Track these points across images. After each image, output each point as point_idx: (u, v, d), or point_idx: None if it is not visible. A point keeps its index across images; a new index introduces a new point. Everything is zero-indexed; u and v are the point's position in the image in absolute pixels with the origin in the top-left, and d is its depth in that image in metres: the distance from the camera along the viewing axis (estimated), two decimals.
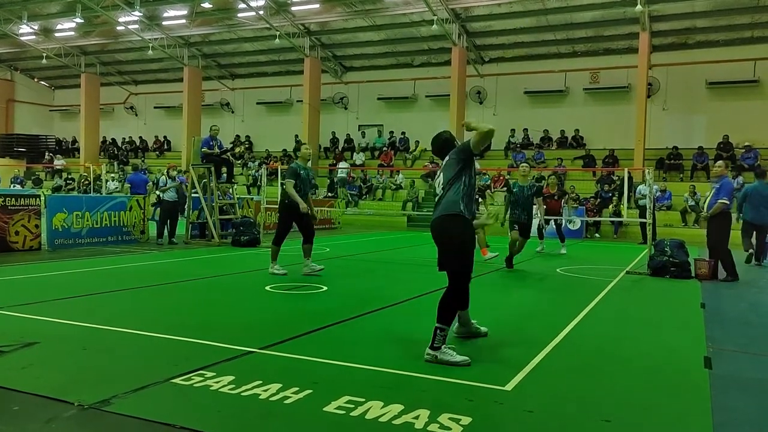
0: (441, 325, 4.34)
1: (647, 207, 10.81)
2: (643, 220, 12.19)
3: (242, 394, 3.53)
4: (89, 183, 24.82)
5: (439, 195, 4.65)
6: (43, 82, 34.86)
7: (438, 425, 3.16)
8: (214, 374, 3.86)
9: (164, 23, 25.68)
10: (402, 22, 23.10)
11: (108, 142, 32.53)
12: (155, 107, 31.88)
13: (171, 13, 25.00)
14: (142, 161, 29.60)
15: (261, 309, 6.42)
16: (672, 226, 17.72)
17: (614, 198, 19.29)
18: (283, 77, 28.90)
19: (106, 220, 12.28)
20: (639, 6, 18.33)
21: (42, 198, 11.87)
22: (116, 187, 23.00)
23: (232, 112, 30.56)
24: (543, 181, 13.47)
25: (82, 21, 24.53)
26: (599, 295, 7.55)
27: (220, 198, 13.69)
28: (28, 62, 32.05)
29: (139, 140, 32.08)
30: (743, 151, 20.35)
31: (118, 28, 25.79)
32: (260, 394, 3.53)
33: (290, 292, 7.30)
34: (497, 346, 4.95)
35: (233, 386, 3.65)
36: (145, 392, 3.56)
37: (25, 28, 26.60)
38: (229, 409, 3.34)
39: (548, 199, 12.98)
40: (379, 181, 24.24)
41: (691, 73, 22.09)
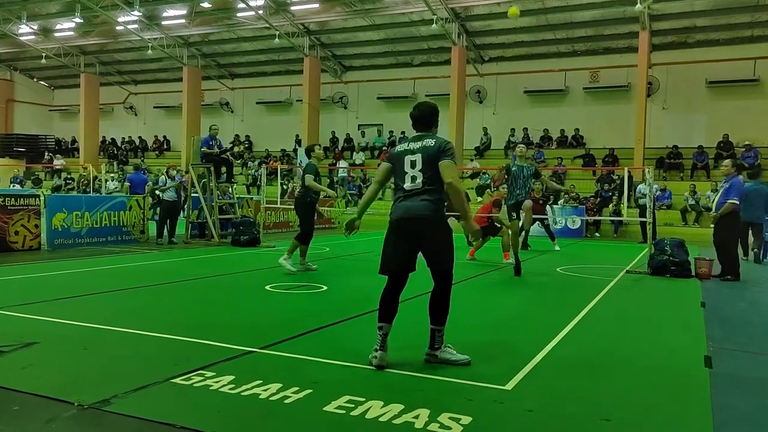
0: (439, 327, 4.30)
1: (647, 206, 10.82)
2: (643, 220, 12.19)
3: (242, 394, 3.53)
4: (87, 183, 24.82)
5: (416, 187, 4.22)
6: (42, 82, 34.85)
7: (438, 425, 3.15)
8: (214, 374, 3.86)
9: (163, 23, 25.67)
10: (401, 21, 23.10)
11: (107, 142, 32.51)
12: (155, 107, 31.87)
13: (170, 12, 24.99)
14: (142, 161, 29.60)
15: (261, 309, 6.42)
16: (672, 225, 17.72)
17: (614, 197, 19.29)
18: (282, 77, 28.89)
19: (105, 220, 12.27)
20: (639, 5, 18.31)
21: (41, 198, 11.87)
22: (116, 187, 22.99)
23: (232, 112, 30.55)
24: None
25: (82, 21, 24.50)
26: (599, 295, 7.55)
27: (220, 197, 13.68)
28: (28, 62, 32.03)
29: (138, 140, 32.07)
30: (743, 150, 20.35)
31: (118, 27, 25.77)
32: (260, 394, 3.53)
33: (290, 291, 7.30)
34: (497, 346, 4.95)
35: (233, 386, 3.65)
36: (145, 392, 3.55)
37: (24, 28, 26.58)
38: (229, 408, 3.33)
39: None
40: None
41: (691, 72, 22.09)
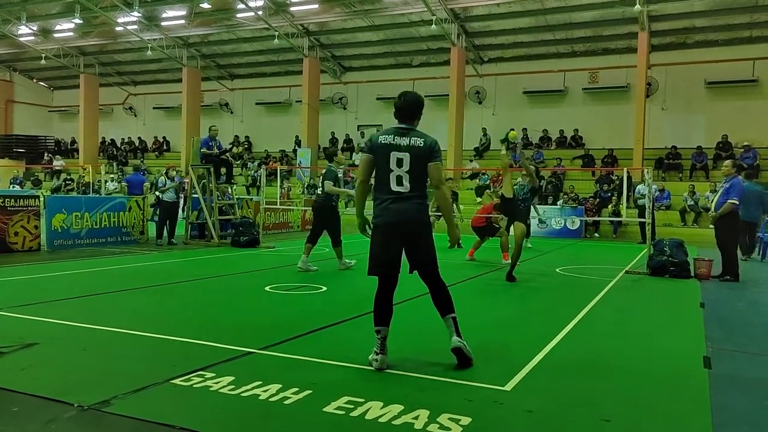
0: (453, 315, 4.24)
1: (646, 207, 10.83)
2: (642, 220, 12.20)
3: (242, 395, 3.53)
4: (86, 184, 24.82)
5: (404, 190, 4.12)
6: (42, 83, 34.84)
7: (438, 425, 3.16)
8: (213, 375, 3.86)
9: (163, 24, 25.67)
10: (401, 22, 23.10)
11: (107, 143, 32.52)
12: (154, 108, 31.87)
13: (170, 13, 25.00)
14: (142, 162, 29.59)
15: (260, 309, 6.42)
16: (671, 226, 17.73)
17: (613, 198, 19.30)
18: (282, 77, 28.89)
19: (105, 221, 12.27)
20: (638, 6, 18.33)
21: (41, 199, 11.87)
22: (115, 188, 22.97)
23: (231, 113, 30.55)
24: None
25: (81, 22, 24.52)
26: (598, 295, 7.55)
27: (220, 198, 13.67)
28: (27, 63, 32.03)
29: (138, 141, 32.07)
30: (742, 150, 20.36)
31: (117, 28, 25.77)
32: (260, 395, 3.53)
33: (290, 292, 7.30)
34: (497, 346, 4.95)
35: (233, 387, 3.65)
36: (145, 393, 3.56)
37: (24, 29, 26.58)
38: (228, 409, 3.34)
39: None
40: None
41: (690, 73, 22.10)
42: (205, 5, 22.94)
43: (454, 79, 22.80)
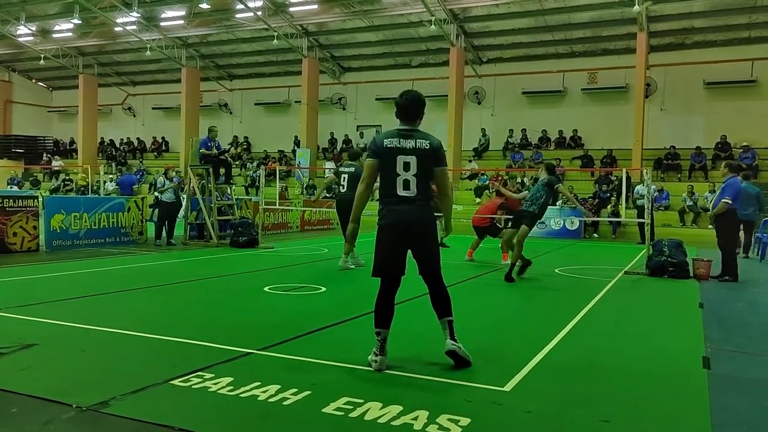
0: (450, 318, 4.25)
1: (645, 207, 10.84)
2: (642, 220, 12.21)
3: (241, 396, 3.53)
4: (84, 184, 24.82)
5: (411, 194, 4.14)
6: (40, 83, 34.81)
7: (437, 426, 3.16)
8: (212, 375, 3.86)
9: (162, 24, 25.65)
10: (400, 22, 23.10)
11: (106, 143, 32.49)
12: (153, 108, 31.84)
13: (169, 14, 24.98)
14: (141, 162, 29.58)
15: (260, 310, 6.41)
16: (670, 226, 17.73)
17: (612, 198, 19.32)
18: (281, 78, 28.88)
19: (104, 222, 12.26)
20: (637, 6, 18.35)
21: (40, 199, 11.85)
22: (115, 188, 23.00)
23: (231, 113, 30.54)
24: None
25: (80, 22, 24.49)
26: (597, 296, 7.55)
27: (219, 199, 13.67)
28: (26, 63, 32.00)
29: (137, 141, 32.06)
30: (741, 151, 20.38)
31: (116, 29, 25.74)
32: (259, 396, 3.53)
33: (289, 293, 7.30)
34: (496, 347, 4.96)
35: (232, 387, 3.64)
36: (144, 394, 3.55)
37: (22, 29, 26.54)
38: (227, 410, 3.33)
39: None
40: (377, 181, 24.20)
41: (689, 74, 22.12)
42: (204, 6, 22.92)
43: (453, 80, 22.80)
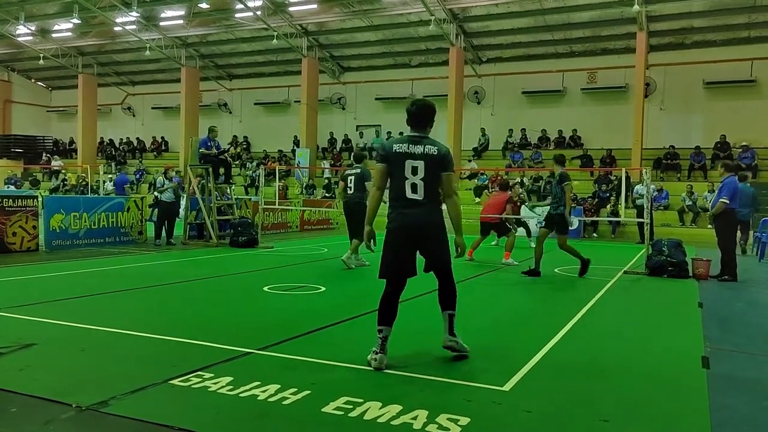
0: (452, 311, 4.39)
1: (644, 207, 10.84)
2: (641, 220, 12.21)
3: (240, 395, 3.53)
4: (75, 184, 24.84)
5: (418, 198, 4.20)
6: (40, 83, 34.80)
7: (436, 426, 3.16)
8: (212, 375, 3.86)
9: (161, 24, 25.64)
10: (399, 22, 23.10)
11: (105, 143, 32.49)
12: (153, 108, 31.84)
13: (168, 13, 24.98)
14: (140, 162, 29.57)
15: (259, 310, 6.41)
16: (669, 226, 17.74)
17: (612, 198, 19.32)
18: (280, 77, 28.88)
19: (103, 221, 12.25)
20: (636, 6, 18.35)
21: (39, 199, 11.85)
22: (114, 188, 23.00)
23: (230, 113, 30.54)
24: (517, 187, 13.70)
25: (79, 22, 24.47)
26: (597, 295, 7.55)
27: (218, 198, 13.66)
28: (25, 63, 31.99)
29: (136, 141, 32.06)
30: (740, 150, 20.40)
31: (116, 28, 25.74)
32: (258, 395, 3.53)
33: (288, 292, 7.30)
34: (495, 346, 4.96)
35: (231, 387, 3.65)
36: (144, 393, 3.55)
37: (22, 29, 26.53)
38: (227, 410, 3.33)
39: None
40: None
41: (689, 73, 22.13)
42: (204, 5, 22.92)
43: (452, 80, 22.80)
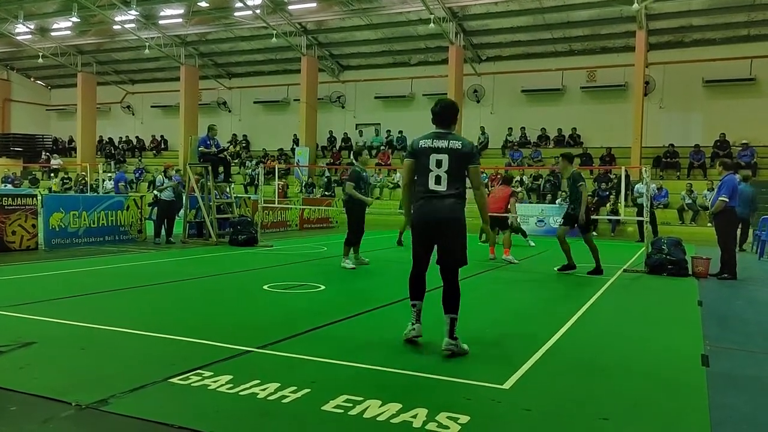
0: (454, 315, 4.44)
1: (644, 205, 10.85)
2: (641, 219, 12.21)
3: (240, 394, 3.53)
4: (80, 182, 24.83)
5: (441, 189, 4.36)
6: (39, 82, 34.76)
7: (436, 424, 3.16)
8: (211, 374, 3.86)
9: (161, 22, 25.63)
10: (399, 20, 23.09)
11: (105, 142, 32.47)
12: (152, 106, 31.82)
13: (167, 12, 24.95)
14: (140, 160, 29.56)
15: (259, 308, 6.41)
16: (669, 224, 17.75)
17: (612, 196, 19.32)
18: (280, 76, 28.85)
19: (103, 220, 12.24)
20: (635, 4, 18.34)
21: (39, 197, 11.83)
22: (113, 187, 23.00)
23: (229, 111, 30.51)
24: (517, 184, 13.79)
25: (79, 20, 24.45)
26: (597, 294, 7.56)
27: (218, 197, 13.65)
28: (25, 62, 31.96)
29: (135, 140, 32.04)
30: (740, 149, 20.41)
31: (115, 27, 25.73)
32: (258, 394, 3.53)
33: (288, 291, 7.30)
34: (495, 345, 4.96)
35: (231, 386, 3.64)
36: (143, 392, 3.55)
37: (21, 28, 26.52)
38: (227, 408, 3.33)
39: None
40: (377, 180, 24.22)
41: (688, 72, 22.12)
42: (203, 3, 22.91)
43: (452, 78, 22.78)
